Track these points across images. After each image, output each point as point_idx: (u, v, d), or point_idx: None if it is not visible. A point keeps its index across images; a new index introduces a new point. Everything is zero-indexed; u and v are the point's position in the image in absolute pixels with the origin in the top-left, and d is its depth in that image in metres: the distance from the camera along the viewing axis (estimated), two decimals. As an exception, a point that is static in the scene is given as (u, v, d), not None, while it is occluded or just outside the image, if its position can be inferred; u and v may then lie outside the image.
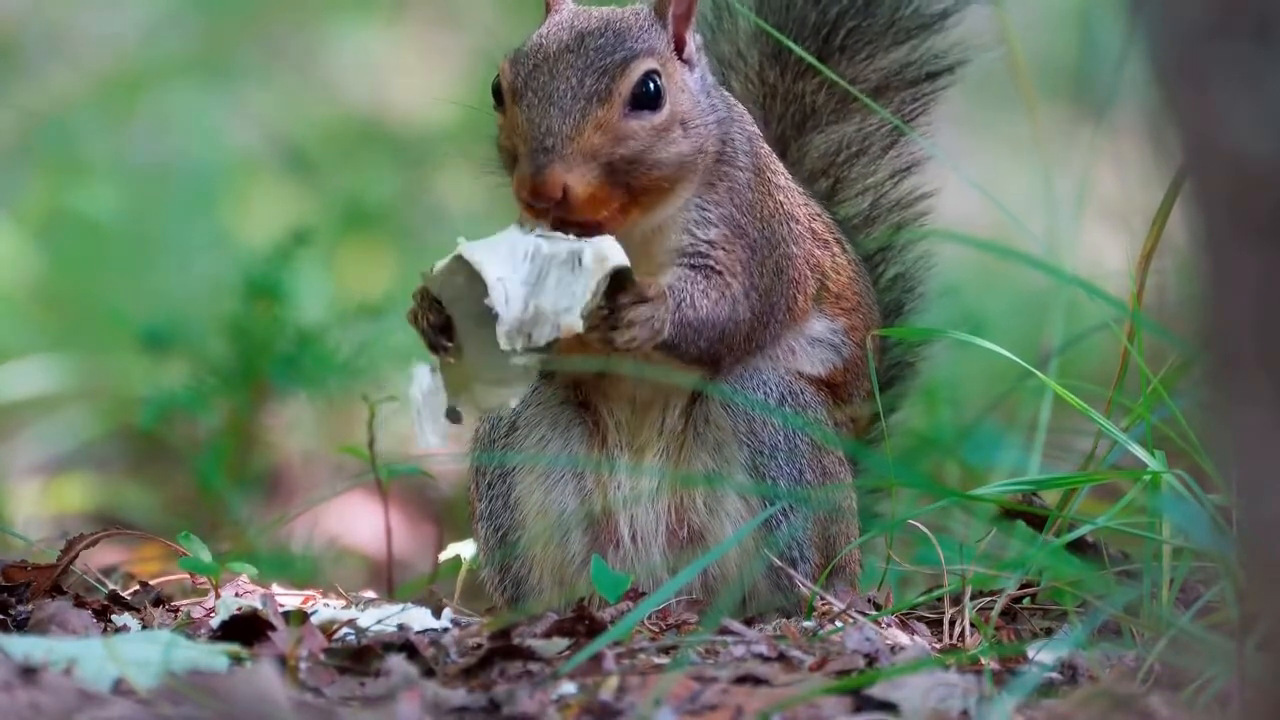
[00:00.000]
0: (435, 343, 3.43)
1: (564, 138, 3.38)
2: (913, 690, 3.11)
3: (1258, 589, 2.57)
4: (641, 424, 3.59)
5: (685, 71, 3.52)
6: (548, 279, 3.38)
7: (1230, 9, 2.44)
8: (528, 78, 3.43)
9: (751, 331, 3.56)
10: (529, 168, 3.37)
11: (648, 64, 3.46)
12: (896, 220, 4.06)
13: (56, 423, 6.26)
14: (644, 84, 3.45)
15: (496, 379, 3.41)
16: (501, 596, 3.67)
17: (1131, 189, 3.63)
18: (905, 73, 4.00)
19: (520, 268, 3.38)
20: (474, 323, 3.42)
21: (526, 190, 3.38)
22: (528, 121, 3.40)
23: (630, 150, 3.42)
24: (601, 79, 3.42)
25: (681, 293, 3.48)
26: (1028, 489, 3.62)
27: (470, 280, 3.40)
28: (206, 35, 8.39)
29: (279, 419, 5.27)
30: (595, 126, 3.40)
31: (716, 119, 3.54)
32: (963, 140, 6.97)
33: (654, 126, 3.45)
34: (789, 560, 3.57)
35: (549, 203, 3.37)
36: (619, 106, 3.42)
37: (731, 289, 3.53)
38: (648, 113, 3.45)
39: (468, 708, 3.11)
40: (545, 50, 3.44)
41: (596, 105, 3.41)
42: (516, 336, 3.37)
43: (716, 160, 3.53)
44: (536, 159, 3.37)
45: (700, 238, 3.53)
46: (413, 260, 7.50)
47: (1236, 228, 2.46)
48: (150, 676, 3.11)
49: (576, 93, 3.41)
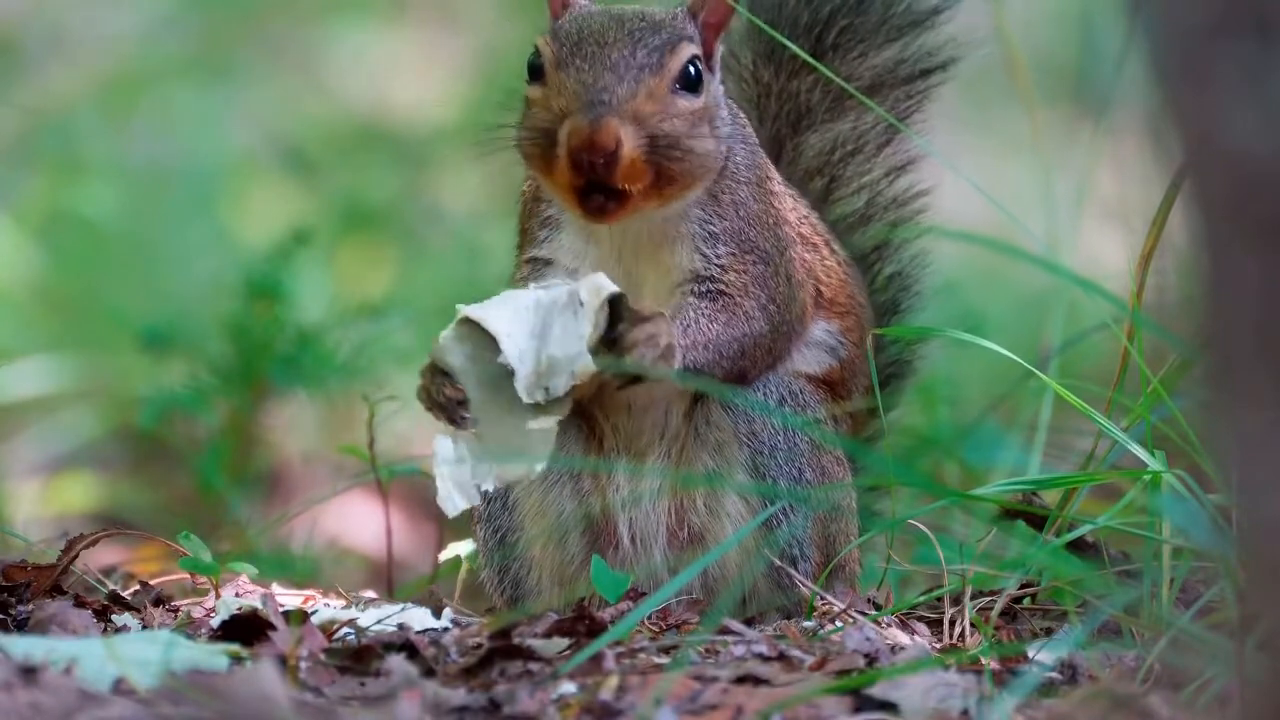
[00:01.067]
0: (454, 417, 3.40)
1: (619, 97, 3.37)
2: (913, 690, 3.11)
3: (1258, 589, 2.57)
4: (641, 427, 3.59)
5: (711, 78, 3.53)
6: (553, 328, 3.37)
7: (1230, 9, 2.45)
8: (575, 47, 3.41)
9: (773, 343, 3.57)
10: (584, 119, 3.34)
11: (692, 49, 3.47)
12: (892, 218, 4.06)
13: (56, 423, 6.27)
14: (689, 66, 3.46)
15: (517, 445, 3.39)
16: (501, 597, 3.67)
17: (1131, 189, 3.63)
18: (898, 70, 4.00)
19: (524, 322, 3.36)
20: (488, 391, 3.39)
21: (580, 139, 3.34)
22: (579, 83, 3.38)
23: (674, 128, 3.41)
24: (653, 54, 3.42)
25: (686, 318, 3.48)
26: (1028, 489, 3.62)
27: (477, 345, 3.38)
28: (206, 35, 8.39)
29: (279, 419, 5.27)
30: (648, 94, 3.40)
31: (729, 131, 3.55)
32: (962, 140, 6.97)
33: (694, 111, 3.45)
34: (789, 560, 3.57)
35: (602, 154, 3.35)
36: (669, 81, 3.43)
37: (744, 307, 3.52)
38: (691, 95, 3.45)
39: (468, 707, 3.11)
40: (590, 25, 3.44)
41: (650, 74, 3.41)
42: (535, 390, 3.35)
43: (722, 172, 3.54)
44: (593, 110, 3.35)
45: (711, 258, 3.53)
46: (413, 260, 7.51)
47: (1236, 228, 2.46)
48: (150, 676, 3.11)
49: (629, 61, 3.40)
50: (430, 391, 3.41)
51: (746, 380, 3.56)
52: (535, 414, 3.37)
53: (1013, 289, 6.31)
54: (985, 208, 3.82)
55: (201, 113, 8.09)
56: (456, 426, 3.39)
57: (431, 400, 3.41)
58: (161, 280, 7.31)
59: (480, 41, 7.86)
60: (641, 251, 3.55)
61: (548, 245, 3.58)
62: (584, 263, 3.55)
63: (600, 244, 3.55)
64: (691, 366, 3.45)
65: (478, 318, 3.36)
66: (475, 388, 3.40)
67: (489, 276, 6.28)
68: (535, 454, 3.38)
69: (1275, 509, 2.47)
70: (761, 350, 3.55)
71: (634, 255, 3.55)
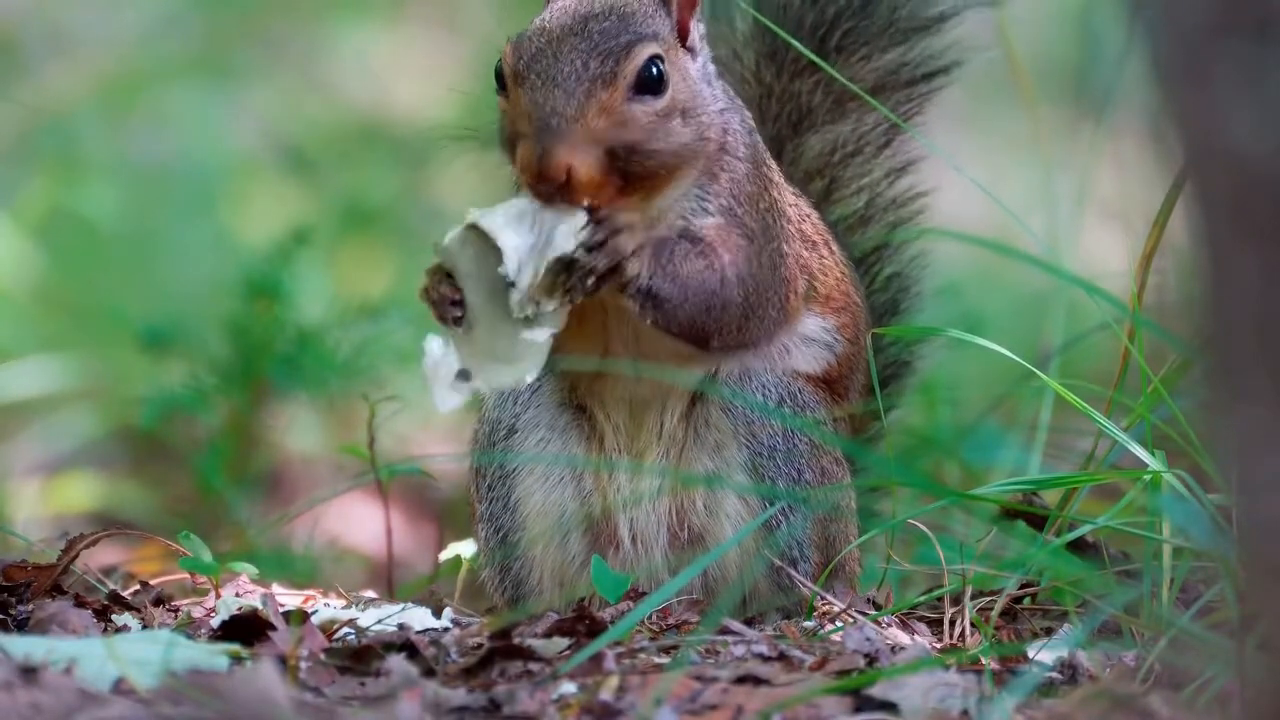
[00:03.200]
0: (445, 314, 3.41)
1: (568, 120, 3.36)
2: (913, 690, 3.11)
3: (1258, 589, 2.58)
4: (640, 428, 3.59)
5: (688, 59, 3.51)
6: (554, 242, 3.38)
7: (1231, 8, 2.45)
8: (531, 61, 3.41)
9: (744, 320, 3.54)
10: (533, 151, 3.36)
11: (651, 49, 3.44)
12: (892, 219, 4.06)
13: (56, 423, 6.26)
14: (647, 68, 3.43)
15: (510, 355, 3.41)
16: (502, 597, 3.67)
17: (1132, 189, 3.63)
18: (901, 73, 4.00)
19: (528, 234, 3.38)
20: (487, 297, 3.41)
21: (531, 173, 3.36)
22: (531, 104, 3.38)
23: (632, 136, 3.41)
24: (605, 62, 3.41)
25: (663, 246, 3.46)
26: (1028, 489, 3.62)
27: (482, 251, 3.40)
28: (206, 35, 8.39)
29: (279, 419, 5.27)
30: (599, 109, 3.39)
31: (719, 109, 3.54)
32: (963, 140, 6.98)
33: (656, 112, 3.44)
34: (789, 560, 3.57)
35: (553, 185, 3.36)
36: (623, 90, 3.41)
37: (721, 261, 3.50)
38: (650, 98, 3.44)
39: (468, 707, 3.11)
40: (549, 33, 3.43)
41: (600, 88, 3.39)
42: (528, 304, 3.37)
43: (719, 149, 3.53)
44: (541, 141, 3.35)
45: (695, 224, 3.52)
46: (413, 260, 7.50)
47: (1236, 228, 2.46)
48: (150, 676, 3.11)
49: (580, 75, 3.39)
50: (429, 289, 3.44)
51: (707, 346, 3.52)
52: (529, 326, 3.39)
53: (1013, 289, 6.30)
54: (986, 208, 3.82)
55: (201, 113, 8.09)
56: (445, 324, 3.41)
57: (427, 296, 3.44)
58: (161, 280, 7.30)
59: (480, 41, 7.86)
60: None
61: None
62: None
63: None
64: (655, 293, 3.43)
65: (486, 228, 3.37)
66: (475, 292, 3.42)
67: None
68: (526, 365, 3.39)
69: (1275, 509, 2.47)
70: (729, 320, 3.51)
71: None
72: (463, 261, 3.42)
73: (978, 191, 3.73)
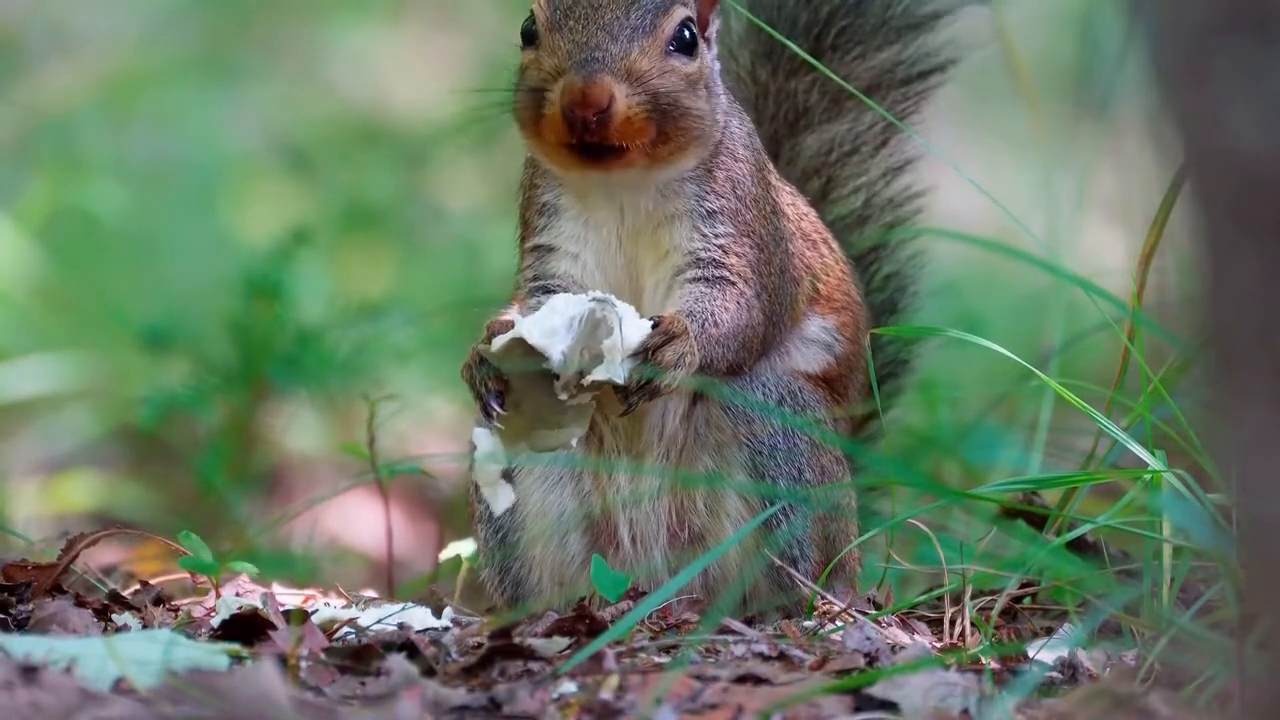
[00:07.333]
0: (489, 407, 3.41)
1: (613, 55, 3.38)
2: (913, 689, 3.11)
3: (1258, 589, 2.58)
4: (640, 429, 3.59)
5: (705, 47, 3.54)
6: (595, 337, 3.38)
7: (1231, 7, 2.45)
8: (569, 10, 3.43)
9: (766, 334, 3.57)
10: (577, 75, 3.36)
11: (685, 12, 3.48)
12: (889, 219, 4.06)
13: (57, 422, 6.27)
14: (683, 29, 3.47)
15: (555, 422, 3.41)
16: (501, 597, 3.67)
17: (1131, 188, 3.63)
18: (896, 71, 4.01)
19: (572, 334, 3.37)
20: (532, 380, 3.40)
21: (573, 96, 3.36)
22: (572, 43, 3.40)
23: (671, 84, 3.42)
24: (646, 15, 3.44)
25: (703, 313, 3.48)
26: (1028, 488, 3.62)
27: (528, 352, 3.38)
28: (206, 35, 8.40)
29: (279, 419, 5.27)
30: (642, 51, 3.41)
31: (725, 106, 3.56)
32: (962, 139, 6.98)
33: (688, 73, 3.46)
34: (789, 560, 3.57)
35: (594, 110, 3.36)
36: (662, 42, 3.44)
37: (745, 295, 3.53)
38: (685, 58, 3.46)
39: (468, 707, 3.11)
40: None
41: (643, 35, 3.42)
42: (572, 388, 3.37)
43: (715, 148, 3.53)
44: (586, 67, 3.37)
45: (710, 238, 3.52)
46: (413, 260, 7.51)
47: (1236, 228, 2.46)
48: (151, 676, 3.11)
49: (623, 22, 3.42)
50: (475, 379, 3.42)
51: (740, 372, 3.56)
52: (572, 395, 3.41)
53: (1013, 289, 6.31)
54: (985, 207, 3.82)
55: (202, 112, 8.09)
56: (489, 417, 3.41)
57: (472, 385, 3.43)
58: (162, 279, 7.31)
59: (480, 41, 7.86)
60: (640, 234, 3.54)
61: (547, 233, 3.58)
62: (585, 248, 3.56)
63: (599, 228, 3.55)
64: (705, 364, 3.46)
65: (538, 346, 3.36)
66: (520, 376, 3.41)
67: (489, 275, 6.29)
68: (572, 428, 3.40)
69: (1275, 509, 2.47)
70: (756, 341, 3.55)
71: (633, 239, 3.55)
72: (509, 362, 3.40)
73: (977, 191, 3.73)
